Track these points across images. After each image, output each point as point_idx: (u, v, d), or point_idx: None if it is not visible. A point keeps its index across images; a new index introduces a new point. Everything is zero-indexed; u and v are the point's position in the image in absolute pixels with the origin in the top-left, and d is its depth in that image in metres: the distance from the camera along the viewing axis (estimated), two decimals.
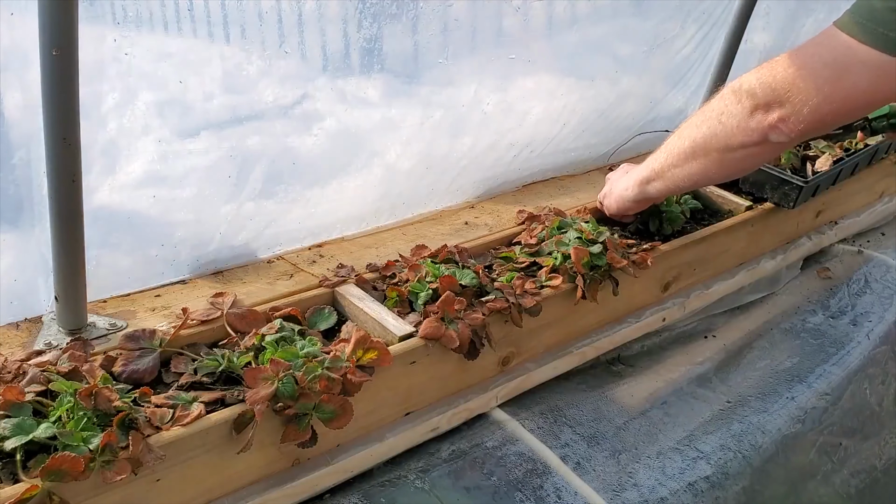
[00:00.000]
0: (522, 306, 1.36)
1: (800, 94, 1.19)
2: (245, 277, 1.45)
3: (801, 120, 1.21)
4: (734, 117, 1.28)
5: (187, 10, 1.26)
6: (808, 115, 1.20)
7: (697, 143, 1.34)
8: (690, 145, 1.36)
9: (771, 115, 1.23)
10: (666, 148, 1.44)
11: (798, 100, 1.20)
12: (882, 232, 2.30)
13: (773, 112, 1.23)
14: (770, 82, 1.23)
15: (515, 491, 1.27)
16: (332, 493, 1.21)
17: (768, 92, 1.23)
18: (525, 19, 1.69)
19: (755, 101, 1.25)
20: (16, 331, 1.24)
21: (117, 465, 0.93)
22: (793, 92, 1.20)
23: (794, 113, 1.21)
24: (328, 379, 1.10)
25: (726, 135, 1.29)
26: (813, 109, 1.19)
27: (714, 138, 1.31)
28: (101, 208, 1.28)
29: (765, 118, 1.24)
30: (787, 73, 1.21)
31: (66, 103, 1.02)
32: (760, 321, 1.86)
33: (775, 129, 1.24)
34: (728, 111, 1.29)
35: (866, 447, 1.70)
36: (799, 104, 1.20)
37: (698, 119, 1.36)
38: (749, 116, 1.25)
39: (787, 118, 1.22)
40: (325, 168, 1.55)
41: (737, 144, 1.29)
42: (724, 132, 1.29)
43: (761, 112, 1.24)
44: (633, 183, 1.53)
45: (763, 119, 1.24)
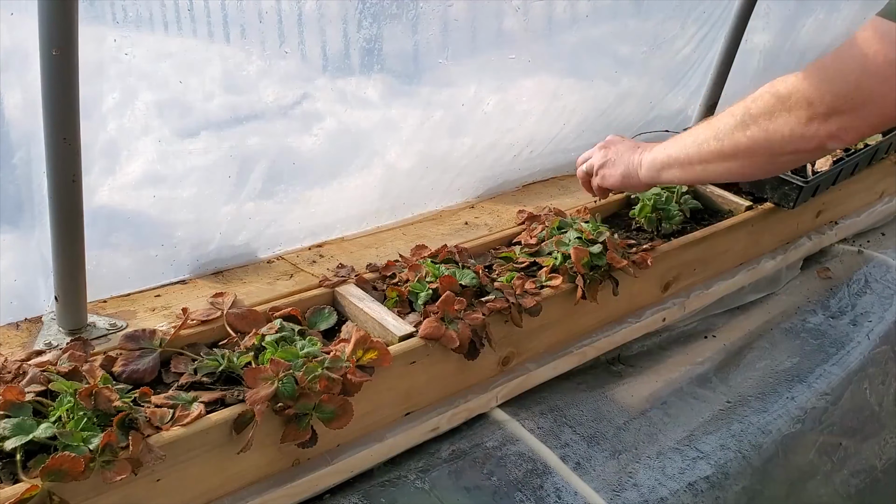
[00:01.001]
0: (522, 306, 1.36)
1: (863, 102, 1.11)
2: (245, 277, 1.45)
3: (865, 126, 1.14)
4: (786, 125, 1.20)
5: (187, 10, 1.26)
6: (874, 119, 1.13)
7: (741, 146, 1.27)
8: (731, 147, 1.29)
9: (830, 125, 1.15)
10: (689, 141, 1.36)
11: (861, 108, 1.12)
12: (882, 232, 2.30)
13: (832, 122, 1.15)
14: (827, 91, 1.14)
15: (515, 491, 1.27)
16: (332, 493, 1.21)
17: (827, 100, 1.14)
18: (525, 19, 1.69)
19: (811, 110, 1.16)
20: (16, 331, 1.24)
21: (117, 465, 0.93)
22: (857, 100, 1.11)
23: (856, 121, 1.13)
24: (328, 379, 1.10)
25: (778, 142, 1.22)
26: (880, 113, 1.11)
27: (763, 143, 1.24)
28: (101, 208, 1.28)
29: (823, 128, 1.16)
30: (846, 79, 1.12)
31: (66, 103, 1.02)
32: (760, 321, 1.86)
33: (835, 138, 1.17)
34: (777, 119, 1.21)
35: (866, 447, 1.70)
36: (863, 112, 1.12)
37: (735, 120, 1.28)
38: (805, 126, 1.18)
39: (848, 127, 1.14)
40: (325, 168, 1.55)
41: (789, 151, 1.23)
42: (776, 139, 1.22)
43: (819, 121, 1.16)
44: (647, 165, 1.43)
45: (821, 128, 1.16)
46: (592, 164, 1.56)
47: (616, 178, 1.50)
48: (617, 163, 1.50)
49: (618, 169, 1.49)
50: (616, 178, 1.50)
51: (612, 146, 1.54)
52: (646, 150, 1.45)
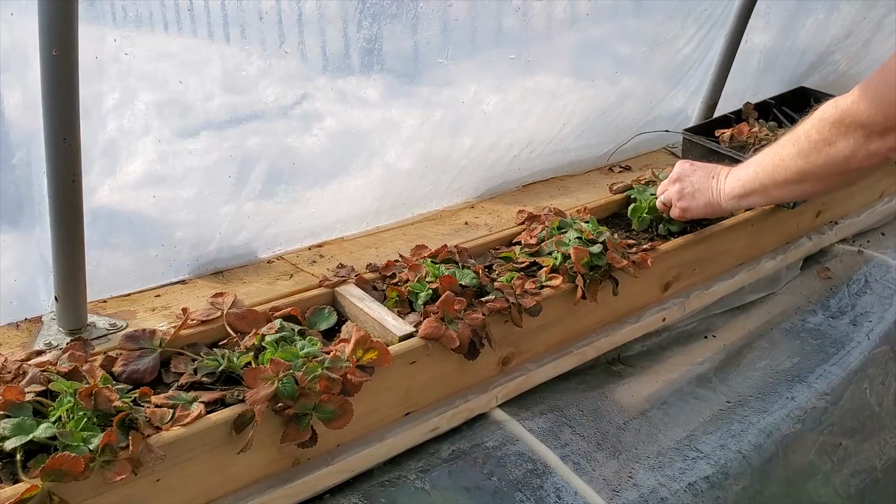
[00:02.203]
0: (522, 306, 1.36)
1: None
2: (245, 277, 1.45)
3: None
4: (847, 148, 1.29)
5: (187, 10, 1.26)
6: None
7: (807, 171, 1.36)
8: (798, 174, 1.38)
9: (888, 141, 1.24)
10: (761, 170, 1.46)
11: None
12: (882, 232, 2.30)
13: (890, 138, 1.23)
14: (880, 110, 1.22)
15: (515, 491, 1.27)
16: (332, 493, 1.21)
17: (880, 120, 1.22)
18: (525, 19, 1.69)
19: (867, 130, 1.25)
20: (16, 331, 1.24)
21: (117, 466, 0.93)
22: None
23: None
24: (328, 379, 1.10)
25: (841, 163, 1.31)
26: None
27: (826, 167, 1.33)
28: (101, 208, 1.28)
29: (883, 144, 1.24)
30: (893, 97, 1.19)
31: (66, 103, 1.03)
32: (760, 321, 1.86)
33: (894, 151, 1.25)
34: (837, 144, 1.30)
35: (866, 447, 1.70)
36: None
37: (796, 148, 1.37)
38: (865, 145, 1.26)
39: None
40: (325, 168, 1.55)
41: (854, 168, 1.31)
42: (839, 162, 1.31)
43: (877, 139, 1.24)
44: (727, 196, 1.55)
45: (882, 145, 1.25)
46: (669, 197, 1.66)
47: (700, 210, 1.62)
48: (696, 196, 1.61)
49: (699, 202, 1.61)
50: (700, 210, 1.62)
51: (686, 178, 1.63)
52: (721, 178, 1.57)
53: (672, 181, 1.66)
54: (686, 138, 1.98)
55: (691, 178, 1.62)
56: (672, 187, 1.65)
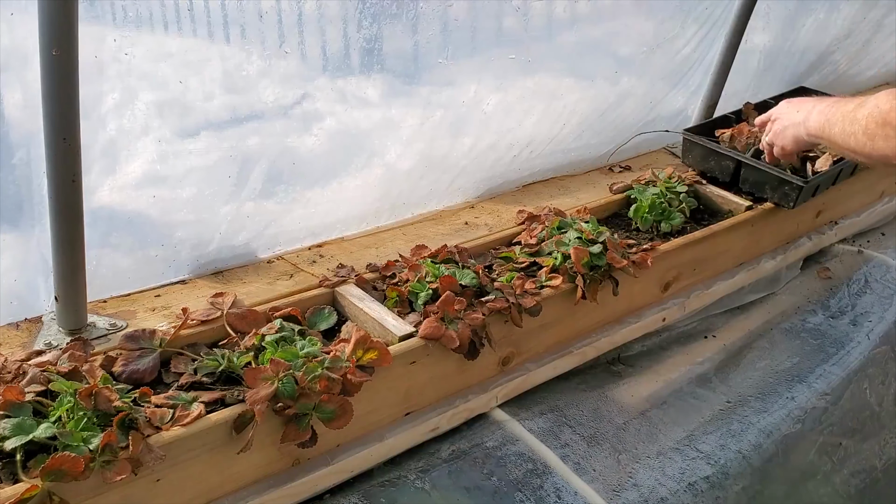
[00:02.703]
0: (522, 306, 1.36)
1: None
2: (245, 277, 1.45)
3: None
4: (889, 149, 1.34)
5: (187, 10, 1.26)
6: None
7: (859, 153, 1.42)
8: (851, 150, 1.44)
9: None
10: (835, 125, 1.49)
11: None
12: (882, 232, 2.30)
13: None
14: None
15: (515, 491, 1.27)
16: (332, 493, 1.21)
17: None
18: (525, 19, 1.69)
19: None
20: (16, 331, 1.24)
21: (117, 465, 0.93)
22: None
23: None
24: (328, 379, 1.10)
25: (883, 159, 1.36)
26: None
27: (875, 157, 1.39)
28: (101, 208, 1.28)
29: None
30: None
31: (66, 103, 1.03)
32: (760, 321, 1.86)
33: None
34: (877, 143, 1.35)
35: (866, 447, 1.70)
36: None
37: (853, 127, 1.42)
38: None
39: None
40: (325, 168, 1.55)
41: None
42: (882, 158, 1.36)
43: None
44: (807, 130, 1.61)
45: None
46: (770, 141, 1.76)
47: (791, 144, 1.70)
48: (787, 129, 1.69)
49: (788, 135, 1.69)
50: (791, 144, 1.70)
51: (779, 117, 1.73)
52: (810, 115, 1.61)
53: (770, 122, 1.76)
54: (686, 138, 1.98)
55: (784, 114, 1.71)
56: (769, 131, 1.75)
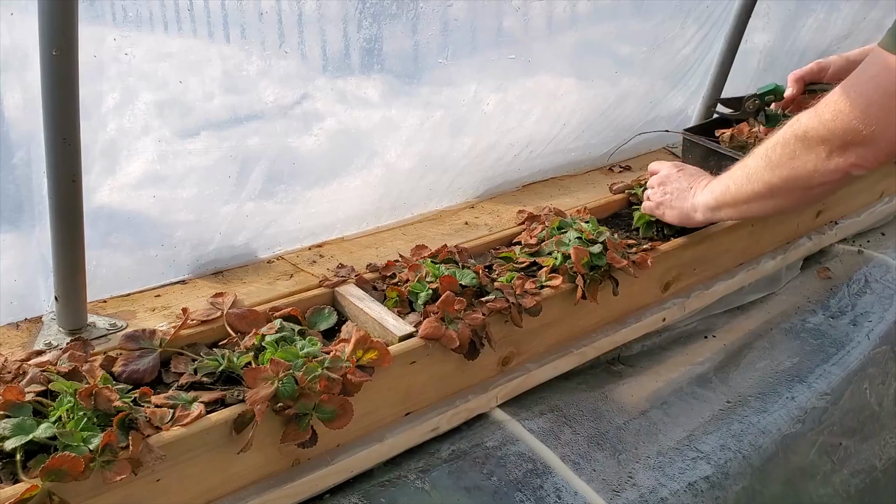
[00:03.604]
0: (522, 306, 1.36)
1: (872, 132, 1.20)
2: (245, 277, 1.45)
3: (880, 153, 1.23)
4: (810, 163, 1.30)
5: (187, 10, 1.26)
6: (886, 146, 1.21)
7: (773, 186, 1.38)
8: (766, 189, 1.40)
9: (849, 157, 1.25)
10: (733, 183, 1.48)
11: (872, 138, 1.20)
12: (882, 232, 2.30)
13: (850, 153, 1.25)
14: (838, 126, 1.24)
15: (515, 491, 1.27)
16: (332, 493, 1.21)
17: (839, 135, 1.24)
18: (525, 19, 1.69)
19: (829, 146, 1.26)
20: (16, 331, 1.24)
21: (117, 466, 0.93)
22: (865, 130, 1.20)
23: (871, 151, 1.22)
24: (328, 379, 1.10)
25: (805, 178, 1.33)
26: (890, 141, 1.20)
27: (792, 182, 1.35)
28: (101, 208, 1.28)
29: (843, 160, 1.26)
30: (852, 112, 1.21)
31: (66, 103, 1.03)
32: (760, 321, 1.86)
33: (856, 167, 1.26)
34: (800, 158, 1.32)
35: (866, 447, 1.70)
36: (874, 141, 1.21)
37: (764, 162, 1.39)
38: (826, 160, 1.28)
39: (865, 156, 1.24)
40: (325, 168, 1.55)
41: (817, 184, 1.33)
42: (803, 176, 1.33)
43: (837, 155, 1.26)
44: (701, 208, 1.57)
45: (842, 161, 1.26)
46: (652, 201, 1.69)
47: (674, 219, 1.65)
48: (673, 204, 1.64)
49: (674, 211, 1.64)
50: (674, 219, 1.65)
51: (669, 183, 1.66)
52: (697, 190, 1.59)
53: (659, 183, 1.68)
54: (686, 138, 1.98)
55: (674, 185, 1.65)
56: (657, 190, 1.68)
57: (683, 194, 1.62)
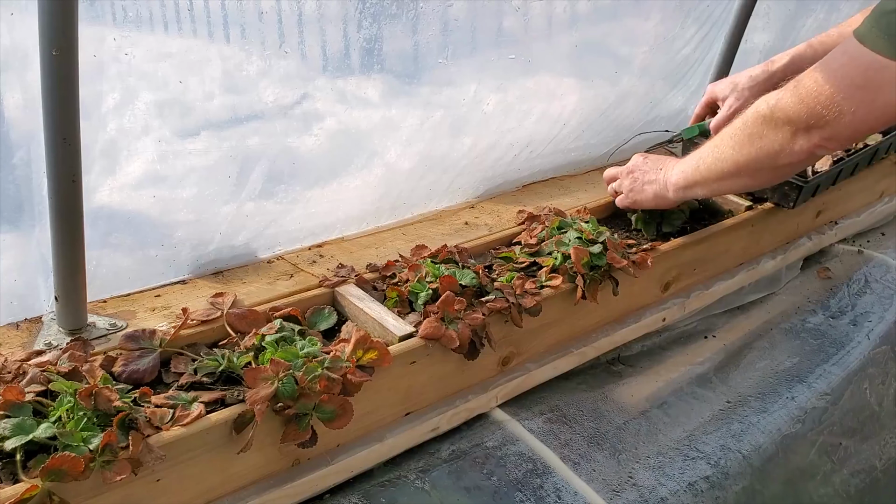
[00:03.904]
0: (522, 306, 1.36)
1: (836, 117, 1.24)
2: (245, 277, 1.45)
3: (842, 137, 1.28)
4: (776, 142, 1.34)
5: (187, 10, 1.26)
6: (848, 132, 1.26)
7: (741, 164, 1.42)
8: (733, 167, 1.43)
9: (813, 137, 1.29)
10: (702, 162, 1.50)
11: (836, 122, 1.25)
12: (882, 232, 2.30)
13: (814, 134, 1.29)
14: (804, 109, 1.28)
15: (515, 491, 1.27)
16: (332, 493, 1.21)
17: (804, 117, 1.28)
18: (525, 19, 1.69)
19: (794, 126, 1.31)
20: (16, 331, 1.24)
21: (117, 466, 0.93)
22: (829, 116, 1.25)
23: (835, 134, 1.27)
24: (328, 379, 1.10)
25: (772, 157, 1.36)
26: (852, 128, 1.25)
27: (758, 161, 1.39)
28: (101, 208, 1.28)
29: (808, 140, 1.30)
30: (819, 97, 1.25)
31: (66, 103, 1.02)
32: (760, 321, 1.86)
33: (820, 147, 1.30)
34: (767, 137, 1.35)
35: (866, 447, 1.70)
36: (838, 126, 1.25)
37: (731, 141, 1.43)
38: (791, 140, 1.32)
39: (829, 138, 1.28)
40: (325, 168, 1.55)
41: (783, 164, 1.37)
42: (769, 155, 1.36)
43: (802, 135, 1.30)
44: (673, 187, 1.58)
45: (806, 141, 1.31)
46: (620, 187, 1.71)
47: (649, 201, 1.66)
48: (645, 188, 1.65)
49: (647, 193, 1.65)
50: (649, 201, 1.66)
51: (638, 170, 1.68)
52: (668, 170, 1.61)
53: (626, 173, 1.70)
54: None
55: (643, 169, 1.67)
56: (625, 179, 1.69)
57: (653, 176, 1.64)
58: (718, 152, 1.46)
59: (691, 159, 1.54)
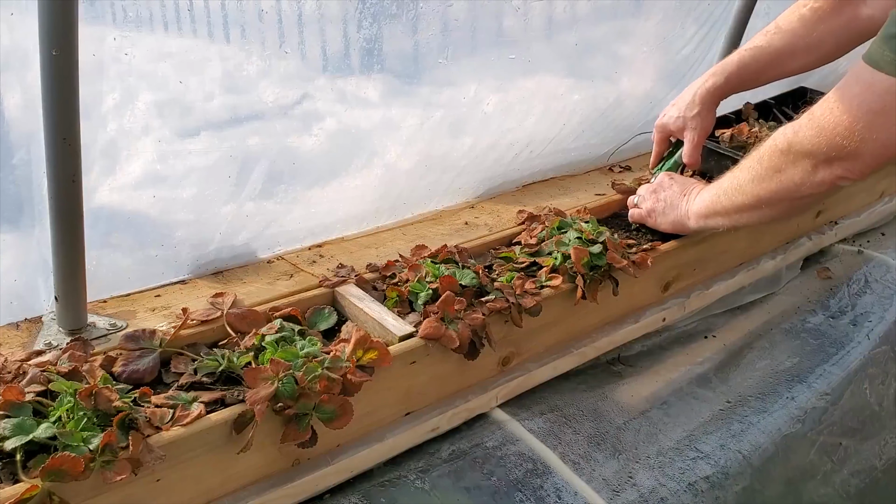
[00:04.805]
0: (522, 306, 1.36)
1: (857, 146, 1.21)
2: (245, 277, 1.45)
3: (866, 165, 1.24)
4: (796, 176, 1.32)
5: (187, 10, 1.26)
6: (869, 161, 1.23)
7: (762, 198, 1.40)
8: (754, 200, 1.41)
9: (835, 169, 1.27)
10: (724, 194, 1.48)
11: (857, 151, 1.22)
12: (882, 232, 2.30)
13: (835, 166, 1.26)
14: (823, 141, 1.25)
15: (515, 491, 1.27)
16: (332, 493, 1.21)
17: (824, 150, 1.25)
18: (525, 19, 1.69)
19: (814, 159, 1.28)
20: (16, 331, 1.24)
21: (117, 466, 0.93)
22: (850, 146, 1.22)
23: (856, 164, 1.24)
24: (328, 379, 1.10)
25: (793, 190, 1.34)
26: (875, 155, 1.22)
27: (779, 194, 1.37)
28: (101, 208, 1.28)
29: (830, 172, 1.28)
30: (837, 128, 1.22)
31: (66, 103, 1.02)
32: (760, 321, 1.86)
33: (843, 179, 1.28)
34: (786, 172, 1.33)
35: (866, 447, 1.70)
36: (859, 155, 1.22)
37: (751, 175, 1.40)
38: (812, 173, 1.29)
39: (852, 168, 1.25)
40: (325, 168, 1.55)
41: (805, 195, 1.35)
42: (789, 189, 1.34)
43: (823, 168, 1.28)
44: (694, 217, 1.57)
45: (828, 173, 1.28)
46: (643, 208, 1.69)
47: (668, 227, 1.64)
48: (667, 212, 1.63)
49: (668, 218, 1.63)
50: (668, 227, 1.64)
51: (662, 191, 1.66)
52: (691, 198, 1.59)
53: (651, 191, 1.68)
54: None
55: (667, 193, 1.65)
56: (649, 198, 1.68)
57: (676, 202, 1.62)
58: (738, 184, 1.44)
59: (712, 189, 1.52)
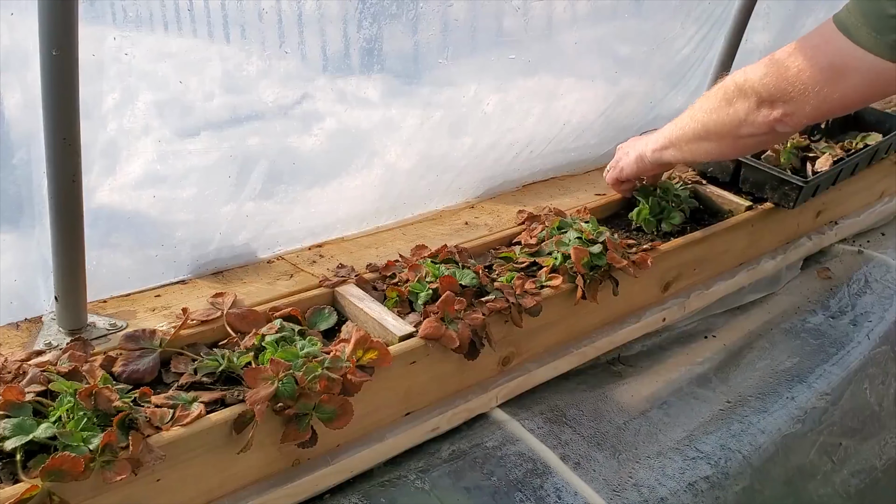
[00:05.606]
0: (522, 306, 1.36)
1: (800, 94, 1.29)
2: (245, 277, 1.45)
3: (803, 115, 1.32)
4: (741, 111, 1.40)
5: (187, 10, 1.26)
6: (808, 112, 1.31)
7: (709, 128, 1.47)
8: (703, 129, 1.49)
9: (775, 111, 1.34)
10: (679, 124, 1.56)
11: (799, 99, 1.30)
12: (882, 232, 2.30)
13: (776, 108, 1.34)
14: (772, 81, 1.33)
15: (515, 491, 1.27)
16: (332, 493, 1.21)
17: (771, 90, 1.33)
18: (525, 19, 1.69)
19: (759, 97, 1.36)
20: (16, 331, 1.24)
21: (117, 466, 0.93)
22: (794, 92, 1.30)
23: (796, 110, 1.32)
24: (328, 379, 1.10)
25: (735, 125, 1.42)
26: (813, 107, 1.30)
27: (724, 126, 1.44)
28: (101, 208, 1.28)
29: (770, 113, 1.35)
30: (787, 73, 1.30)
31: (66, 103, 1.02)
32: (760, 321, 1.86)
33: (780, 123, 1.35)
34: (734, 105, 1.41)
35: (866, 447, 1.70)
36: (800, 103, 1.30)
37: (707, 104, 1.48)
38: (755, 111, 1.37)
39: (790, 114, 1.33)
40: (325, 168, 1.55)
41: (746, 134, 1.42)
42: (733, 123, 1.42)
43: (766, 107, 1.35)
44: (650, 149, 1.64)
45: (768, 114, 1.36)
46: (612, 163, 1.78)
47: (631, 166, 1.70)
48: (629, 153, 1.71)
49: (631, 157, 1.70)
50: (631, 166, 1.70)
51: (623, 145, 1.77)
52: (650, 137, 1.67)
53: (618, 149, 1.78)
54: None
55: (626, 144, 1.76)
56: (617, 154, 1.77)
57: (638, 143, 1.70)
58: (693, 112, 1.51)
59: (669, 125, 1.60)
